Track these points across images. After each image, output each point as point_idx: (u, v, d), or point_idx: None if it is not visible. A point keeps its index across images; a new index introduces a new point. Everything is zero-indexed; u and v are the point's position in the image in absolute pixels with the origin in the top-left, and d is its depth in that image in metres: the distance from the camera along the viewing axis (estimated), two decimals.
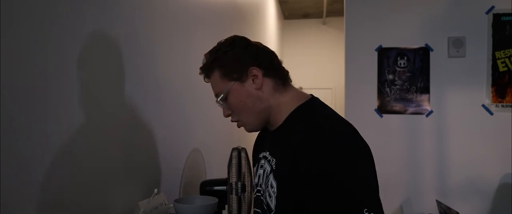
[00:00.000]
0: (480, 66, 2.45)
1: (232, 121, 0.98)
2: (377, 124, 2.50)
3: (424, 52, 2.51)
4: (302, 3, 5.42)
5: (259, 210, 0.98)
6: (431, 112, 2.50)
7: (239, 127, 0.98)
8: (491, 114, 2.43)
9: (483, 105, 2.45)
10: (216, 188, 1.43)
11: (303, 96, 0.96)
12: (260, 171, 0.97)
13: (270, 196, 0.89)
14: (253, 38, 1.01)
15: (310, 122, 0.86)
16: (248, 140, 3.03)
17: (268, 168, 0.92)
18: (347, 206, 0.76)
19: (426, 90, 2.50)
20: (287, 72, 0.98)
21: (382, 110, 2.55)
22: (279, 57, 0.99)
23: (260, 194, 0.96)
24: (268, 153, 0.94)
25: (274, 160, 0.90)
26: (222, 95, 0.93)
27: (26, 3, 0.79)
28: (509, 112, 2.40)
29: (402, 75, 2.53)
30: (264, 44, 0.99)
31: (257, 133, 1.13)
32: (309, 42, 6.13)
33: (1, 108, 0.72)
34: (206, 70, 0.96)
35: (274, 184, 0.87)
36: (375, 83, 2.55)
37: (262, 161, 0.96)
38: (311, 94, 0.97)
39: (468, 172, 2.45)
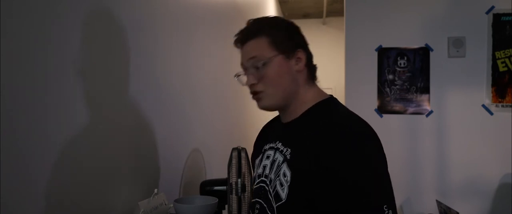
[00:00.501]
0: (480, 66, 2.44)
1: (253, 90, 0.95)
2: (377, 124, 2.47)
3: (424, 52, 2.51)
4: (302, 3, 5.42)
5: (260, 201, 0.96)
6: (431, 112, 2.50)
7: (257, 99, 0.95)
8: (491, 114, 2.43)
9: (483, 106, 2.45)
10: (216, 188, 1.43)
11: (324, 94, 0.99)
12: (266, 162, 0.96)
13: (281, 185, 0.88)
14: None
15: (330, 119, 0.88)
16: (248, 140, 3.03)
17: (281, 158, 0.91)
18: (367, 203, 0.78)
19: (426, 90, 2.50)
20: (316, 69, 1.01)
21: (382, 110, 2.55)
22: None
23: (265, 184, 0.95)
24: (280, 143, 0.94)
25: (289, 149, 0.90)
26: (264, 60, 0.91)
27: (26, 3, 0.79)
28: (509, 112, 2.40)
29: (402, 75, 2.53)
30: None
31: (256, 133, 1.13)
32: (309, 42, 6.12)
33: (1, 108, 0.72)
34: (252, 33, 0.94)
35: (288, 173, 0.87)
36: (375, 83, 2.55)
37: (270, 152, 0.96)
38: (331, 94, 1.00)
39: (468, 172, 2.45)
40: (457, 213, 1.83)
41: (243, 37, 0.95)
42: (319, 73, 1.01)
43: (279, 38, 0.93)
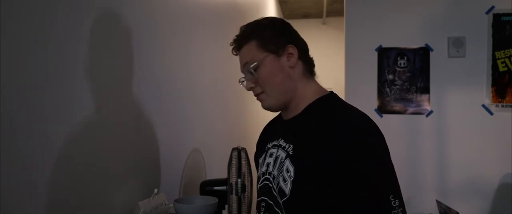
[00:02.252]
0: (480, 66, 2.44)
1: (254, 94, 0.98)
2: (377, 124, 2.49)
3: (424, 52, 2.51)
4: (302, 3, 5.42)
5: (266, 198, 0.97)
6: (431, 112, 2.50)
7: (260, 99, 0.98)
8: (491, 114, 2.43)
9: (483, 106, 2.45)
10: (216, 188, 1.43)
11: (324, 90, 0.99)
12: (269, 160, 0.97)
13: (284, 181, 0.89)
14: None
15: (332, 114, 0.89)
16: (248, 140, 3.03)
17: (283, 154, 0.92)
18: (374, 195, 0.79)
19: (426, 90, 2.50)
20: (314, 64, 1.01)
21: (382, 110, 2.55)
22: None
23: (268, 182, 0.95)
24: (282, 140, 0.95)
25: (291, 145, 0.91)
26: (255, 63, 0.93)
27: (26, 3, 0.79)
28: (509, 112, 2.40)
29: (402, 75, 2.53)
30: None
31: (259, 132, 1.13)
32: (309, 42, 6.06)
33: (1, 108, 0.72)
34: (243, 39, 0.97)
35: (291, 168, 0.87)
36: (375, 83, 2.55)
37: (273, 150, 0.97)
38: (331, 90, 1.00)
39: (468, 172, 2.45)
40: (457, 213, 1.82)
41: (237, 45, 0.98)
42: (319, 73, 1.02)
43: (266, 38, 0.94)
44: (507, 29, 2.42)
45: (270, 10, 4.78)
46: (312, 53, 1.01)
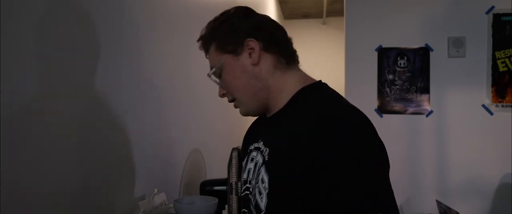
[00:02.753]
0: (480, 66, 2.44)
1: (229, 101, 0.87)
2: (377, 124, 2.46)
3: (424, 52, 2.51)
4: (302, 3, 5.41)
5: (246, 211, 0.85)
6: (431, 112, 2.50)
7: (235, 107, 0.87)
8: (491, 114, 2.43)
9: (483, 106, 2.44)
10: (216, 188, 1.43)
11: (309, 79, 0.83)
12: (251, 165, 0.82)
13: (260, 193, 0.74)
14: None
15: (314, 108, 0.74)
16: None
17: (260, 160, 0.77)
18: (358, 208, 0.63)
19: (426, 90, 2.50)
20: (294, 50, 0.85)
21: (382, 110, 2.54)
22: None
23: (249, 192, 0.82)
24: (262, 142, 0.80)
25: (268, 149, 0.76)
26: (214, 69, 0.82)
27: (26, 3, 0.78)
28: (509, 112, 2.40)
29: (402, 75, 2.53)
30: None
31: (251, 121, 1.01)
32: (309, 42, 6.12)
33: (1, 108, 0.72)
34: (204, 43, 0.86)
35: (266, 178, 0.73)
36: (375, 83, 2.55)
37: (254, 153, 0.82)
38: (320, 80, 0.84)
39: (468, 172, 2.45)
40: (457, 213, 1.82)
41: (204, 50, 0.88)
42: (319, 73, 0.94)
43: (221, 38, 0.82)
44: (507, 29, 2.42)
45: (270, 10, 4.78)
46: (312, 53, 0.98)
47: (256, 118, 0.96)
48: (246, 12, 0.85)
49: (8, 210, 0.73)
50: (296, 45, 0.89)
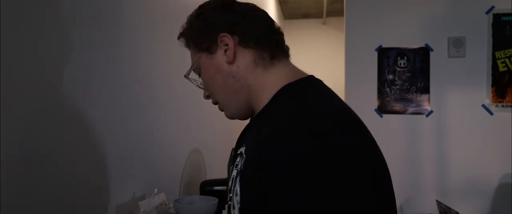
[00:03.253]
0: (480, 66, 2.44)
1: (213, 104, 0.80)
2: (377, 124, 2.50)
3: (424, 52, 2.51)
4: (302, 3, 5.42)
5: None
6: (431, 112, 2.50)
7: (220, 110, 0.79)
8: (491, 114, 2.43)
9: (483, 106, 2.44)
10: (216, 188, 1.43)
11: (296, 75, 0.70)
12: (234, 172, 0.69)
13: (233, 208, 0.62)
14: None
15: (286, 111, 0.62)
16: None
17: (238, 169, 0.66)
18: None
19: (426, 90, 2.50)
20: (281, 43, 0.74)
21: (382, 110, 2.54)
22: None
23: (231, 202, 0.68)
24: (243, 148, 0.67)
25: (244, 157, 0.64)
26: (189, 69, 0.75)
27: (26, 3, 0.79)
28: (509, 112, 2.40)
29: (402, 75, 2.53)
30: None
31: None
32: (309, 42, 6.13)
33: (1, 108, 0.72)
34: (185, 40, 0.78)
35: (239, 192, 0.61)
36: (375, 83, 2.55)
37: (238, 159, 0.69)
38: (311, 75, 0.72)
39: (468, 172, 2.45)
40: (457, 213, 1.82)
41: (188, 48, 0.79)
42: (319, 73, 0.88)
43: (195, 34, 0.74)
44: (507, 29, 2.42)
45: (270, 10, 4.78)
46: (312, 53, 0.96)
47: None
48: (223, 3, 0.74)
49: (9, 210, 0.73)
50: (296, 45, 0.86)
